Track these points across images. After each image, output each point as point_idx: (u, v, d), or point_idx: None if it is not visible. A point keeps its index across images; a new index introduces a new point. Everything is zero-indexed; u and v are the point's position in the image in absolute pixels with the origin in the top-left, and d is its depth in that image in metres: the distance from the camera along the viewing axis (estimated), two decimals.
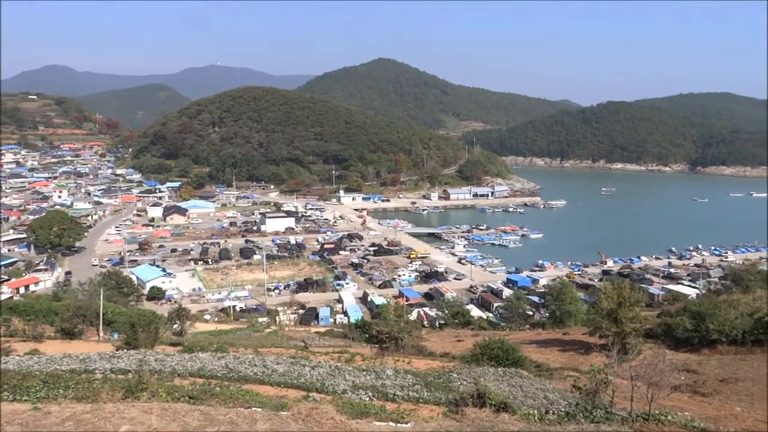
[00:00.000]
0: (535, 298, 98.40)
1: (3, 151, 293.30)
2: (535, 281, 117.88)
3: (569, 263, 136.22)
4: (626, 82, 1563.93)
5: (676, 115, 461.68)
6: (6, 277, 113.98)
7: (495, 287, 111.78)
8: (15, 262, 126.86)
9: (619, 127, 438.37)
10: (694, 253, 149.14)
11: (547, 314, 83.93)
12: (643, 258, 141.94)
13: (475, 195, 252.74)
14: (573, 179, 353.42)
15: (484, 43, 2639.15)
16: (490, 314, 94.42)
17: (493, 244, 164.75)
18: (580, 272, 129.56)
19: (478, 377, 30.78)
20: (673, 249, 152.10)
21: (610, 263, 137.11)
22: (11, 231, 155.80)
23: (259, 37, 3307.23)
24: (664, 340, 47.29)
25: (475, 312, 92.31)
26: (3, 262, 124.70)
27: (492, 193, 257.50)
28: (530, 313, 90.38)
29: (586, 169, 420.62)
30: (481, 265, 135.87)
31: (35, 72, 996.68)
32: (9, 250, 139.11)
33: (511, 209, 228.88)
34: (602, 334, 45.82)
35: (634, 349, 40.14)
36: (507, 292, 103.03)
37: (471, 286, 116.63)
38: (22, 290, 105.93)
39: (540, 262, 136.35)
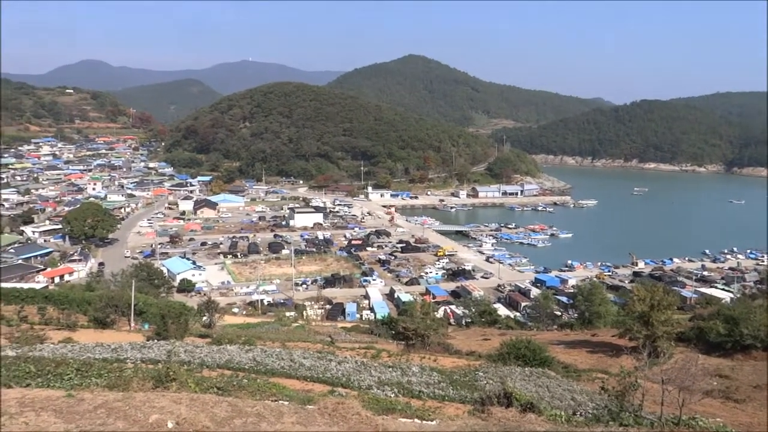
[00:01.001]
0: (564, 299, 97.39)
1: (41, 144, 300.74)
2: (563, 281, 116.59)
3: (599, 264, 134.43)
4: (661, 81, 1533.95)
5: (712, 115, 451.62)
6: (42, 267, 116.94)
7: (523, 286, 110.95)
8: (50, 252, 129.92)
9: (653, 126, 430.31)
10: (728, 256, 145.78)
11: (576, 315, 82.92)
12: (675, 260, 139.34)
13: (504, 193, 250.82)
14: (604, 179, 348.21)
15: (516, 41, 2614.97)
16: (518, 314, 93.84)
17: (521, 243, 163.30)
18: (610, 273, 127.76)
19: (505, 377, 30.58)
20: (707, 251, 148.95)
21: (641, 265, 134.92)
22: (47, 222, 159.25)
23: (290, 33, 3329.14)
24: (696, 344, 46.40)
25: (503, 311, 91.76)
26: (39, 252, 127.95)
27: (521, 191, 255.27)
28: (558, 313, 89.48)
29: (618, 168, 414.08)
30: (509, 264, 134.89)
31: (72, 66, 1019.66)
32: (45, 241, 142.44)
33: (540, 208, 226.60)
34: (632, 336, 45.07)
35: (665, 352, 39.51)
36: (535, 292, 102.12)
37: (498, 285, 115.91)
38: (57, 280, 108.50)
39: (569, 262, 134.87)
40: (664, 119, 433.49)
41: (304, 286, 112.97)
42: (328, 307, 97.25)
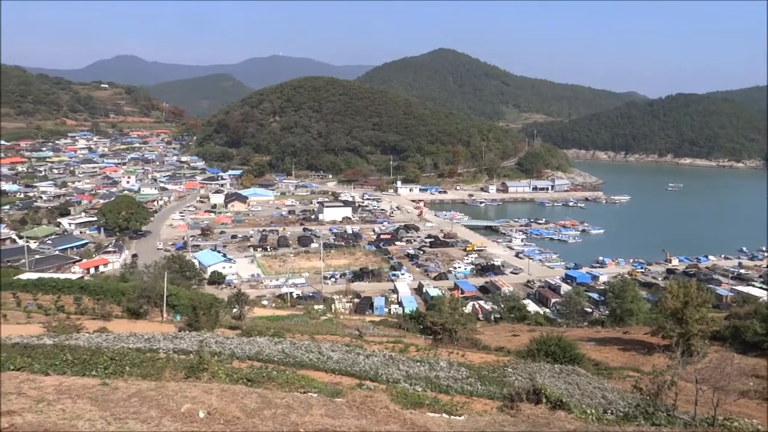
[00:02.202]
0: (595, 295, 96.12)
1: (77, 137, 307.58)
2: (595, 278, 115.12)
3: (631, 260, 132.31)
4: (698, 74, 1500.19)
5: (750, 109, 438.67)
6: (78, 258, 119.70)
7: (553, 282, 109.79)
8: (86, 243, 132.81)
9: (689, 121, 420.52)
10: (766, 254, 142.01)
11: (607, 312, 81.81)
12: (711, 257, 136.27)
13: (535, 188, 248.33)
14: (638, 174, 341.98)
15: (548, 36, 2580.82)
16: (548, 310, 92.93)
17: (551, 238, 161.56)
18: (643, 270, 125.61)
19: (534, 373, 30.34)
20: (744, 249, 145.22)
21: (675, 262, 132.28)
22: (83, 214, 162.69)
23: (320, 28, 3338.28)
24: (731, 343, 45.37)
25: (532, 307, 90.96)
26: (75, 244, 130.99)
27: (552, 186, 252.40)
28: (589, 310, 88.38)
29: (651, 163, 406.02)
30: (539, 260, 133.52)
31: (107, 62, 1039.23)
32: (81, 232, 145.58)
33: (571, 203, 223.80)
34: (666, 334, 44.29)
35: (699, 351, 38.74)
36: (565, 288, 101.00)
37: (528, 281, 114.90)
38: (92, 270, 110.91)
39: (600, 258, 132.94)
40: (701, 113, 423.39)
41: (333, 279, 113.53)
42: (356, 300, 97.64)
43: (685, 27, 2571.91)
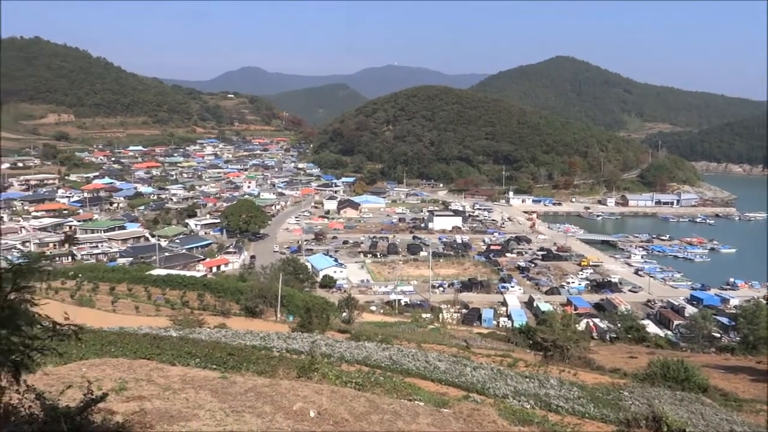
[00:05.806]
0: (724, 320, 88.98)
1: (205, 144, 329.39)
2: (724, 300, 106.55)
3: None
4: None
5: None
6: (202, 257, 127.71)
7: (676, 303, 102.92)
8: (210, 243, 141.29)
9: None
10: None
11: (738, 338, 75.43)
12: None
13: (658, 202, 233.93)
14: None
15: (675, 40, 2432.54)
16: (669, 332, 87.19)
17: (675, 256, 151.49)
18: None
19: (653, 398, 28.47)
20: None
21: None
22: (208, 216, 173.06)
23: (434, 37, 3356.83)
24: None
25: (652, 328, 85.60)
26: (200, 243, 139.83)
27: (677, 201, 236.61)
28: (717, 335, 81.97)
29: None
30: (661, 279, 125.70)
31: (233, 73, 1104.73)
32: (205, 233, 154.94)
33: (699, 220, 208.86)
34: None
35: None
36: (690, 310, 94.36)
37: (648, 300, 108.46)
38: (214, 269, 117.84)
39: (732, 279, 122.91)
40: None
41: (441, 288, 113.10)
42: (464, 311, 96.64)
43: None
